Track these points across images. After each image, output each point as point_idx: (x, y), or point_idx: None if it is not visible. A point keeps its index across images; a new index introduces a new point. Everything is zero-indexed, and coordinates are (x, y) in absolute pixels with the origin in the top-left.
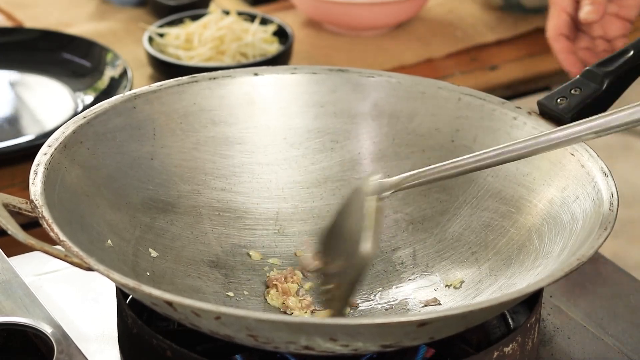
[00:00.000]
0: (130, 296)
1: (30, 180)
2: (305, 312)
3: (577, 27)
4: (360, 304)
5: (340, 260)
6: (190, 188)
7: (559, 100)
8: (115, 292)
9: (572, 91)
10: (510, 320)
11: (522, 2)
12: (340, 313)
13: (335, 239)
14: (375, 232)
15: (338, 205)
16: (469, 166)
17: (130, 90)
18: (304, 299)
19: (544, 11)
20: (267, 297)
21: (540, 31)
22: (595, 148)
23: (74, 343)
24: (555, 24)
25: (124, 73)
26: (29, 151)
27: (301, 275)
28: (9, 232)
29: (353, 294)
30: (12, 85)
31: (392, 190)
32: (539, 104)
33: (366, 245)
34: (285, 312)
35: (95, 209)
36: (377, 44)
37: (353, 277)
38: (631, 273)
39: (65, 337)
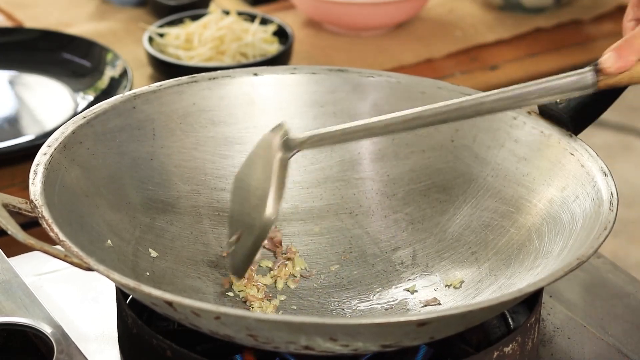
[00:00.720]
0: (130, 296)
1: (30, 180)
2: (263, 303)
3: None
4: (360, 304)
5: (244, 217)
6: (190, 188)
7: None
8: (115, 292)
9: None
10: (510, 320)
11: (522, 2)
12: (239, 275)
13: (242, 193)
14: (277, 194)
15: (248, 154)
16: (382, 128)
17: (130, 90)
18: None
19: (544, 11)
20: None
21: (541, 31)
22: (595, 148)
23: (74, 343)
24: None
25: (124, 73)
26: (29, 151)
27: (293, 270)
28: (9, 232)
29: (252, 258)
30: (12, 85)
31: (298, 150)
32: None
33: (268, 210)
34: (244, 303)
35: (94, 209)
36: (377, 44)
37: (254, 241)
38: (631, 273)
39: (65, 337)
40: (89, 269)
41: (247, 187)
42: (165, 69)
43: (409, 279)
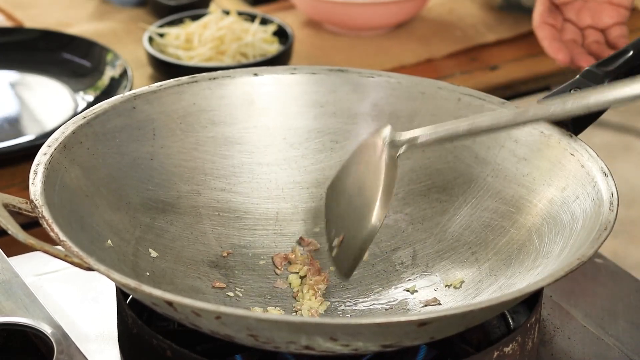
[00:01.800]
0: (130, 296)
1: (30, 180)
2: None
3: (563, 17)
4: (360, 304)
5: (347, 220)
6: (190, 188)
7: None
8: (115, 292)
9: (572, 91)
10: (510, 320)
11: (522, 2)
12: (347, 276)
13: (342, 197)
14: (386, 193)
15: (346, 157)
16: (485, 126)
17: (130, 90)
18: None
19: None
20: (301, 298)
21: None
22: (595, 148)
23: (74, 343)
24: (538, 12)
25: (124, 73)
26: (29, 151)
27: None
28: (9, 232)
29: (360, 259)
30: (12, 85)
31: (406, 147)
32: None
33: (376, 215)
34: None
35: (95, 209)
36: (377, 44)
37: (362, 242)
38: (631, 273)
39: (65, 337)
40: (89, 268)
41: (347, 191)
42: (165, 69)
43: (409, 279)
